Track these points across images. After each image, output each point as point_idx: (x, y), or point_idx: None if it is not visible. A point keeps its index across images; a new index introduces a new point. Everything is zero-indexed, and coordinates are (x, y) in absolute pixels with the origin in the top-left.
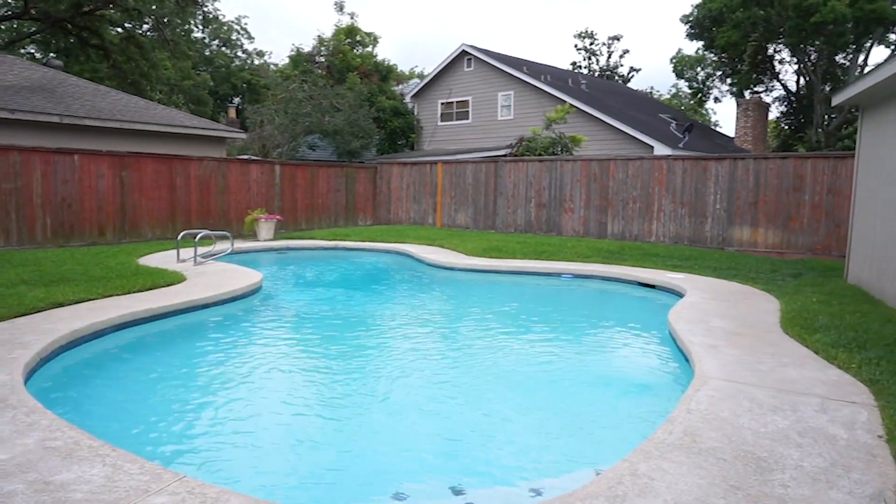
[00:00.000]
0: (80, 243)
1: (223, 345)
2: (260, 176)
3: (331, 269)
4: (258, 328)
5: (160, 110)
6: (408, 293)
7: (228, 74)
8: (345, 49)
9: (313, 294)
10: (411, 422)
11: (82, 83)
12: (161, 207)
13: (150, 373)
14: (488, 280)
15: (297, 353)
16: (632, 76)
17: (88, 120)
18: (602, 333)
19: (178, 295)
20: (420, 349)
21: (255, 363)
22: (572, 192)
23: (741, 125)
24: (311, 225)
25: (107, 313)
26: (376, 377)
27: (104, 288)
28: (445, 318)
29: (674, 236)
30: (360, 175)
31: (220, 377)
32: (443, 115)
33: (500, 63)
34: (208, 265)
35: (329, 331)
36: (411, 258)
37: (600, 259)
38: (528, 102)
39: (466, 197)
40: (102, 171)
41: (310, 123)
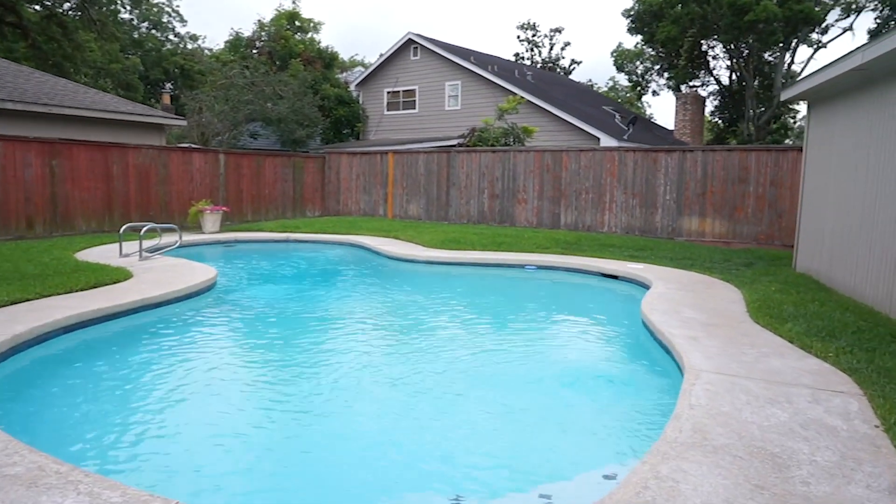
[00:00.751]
0: (4, 237)
1: (182, 347)
2: (203, 165)
3: (284, 264)
4: (215, 328)
5: (92, 94)
6: (369, 288)
7: (160, 58)
8: (287, 34)
9: (270, 290)
10: (396, 428)
11: (1, 62)
12: (97, 198)
13: (108, 380)
14: (451, 273)
15: (262, 355)
16: (573, 68)
17: (10, 103)
18: (576, 326)
19: (127, 293)
20: (394, 349)
21: (219, 366)
22: (525, 183)
23: (680, 118)
24: (257, 217)
25: (50, 314)
26: (349, 381)
27: (42, 286)
28: (413, 315)
29: (626, 227)
30: (308, 165)
31: (185, 383)
32: (389, 105)
33: (447, 52)
34: (155, 260)
35: (292, 330)
36: (368, 251)
37: (559, 250)
38: (475, 93)
39: (418, 188)
40: (30, 160)
41: (252, 111)
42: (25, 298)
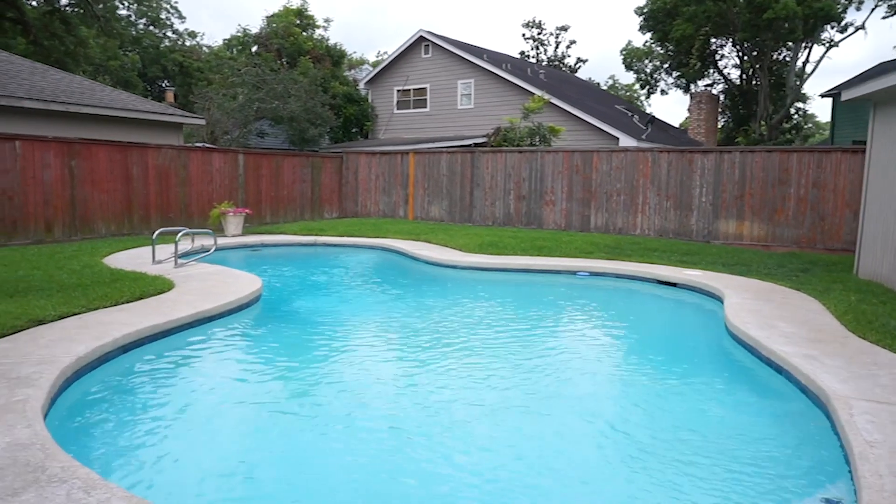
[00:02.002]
0: (23, 241)
1: (253, 365)
2: (222, 166)
3: (321, 270)
4: (278, 343)
5: (108, 92)
6: (422, 298)
7: (158, 56)
8: (296, 31)
9: (319, 300)
10: (481, 447)
11: (15, 59)
12: (116, 200)
13: (187, 408)
14: (500, 279)
15: (339, 371)
16: (579, 67)
17: (28, 101)
18: (660, 343)
19: (176, 306)
20: (483, 368)
21: (294, 383)
22: (553, 185)
23: (694, 117)
24: (276, 218)
25: (106, 332)
26: (426, 393)
27: (86, 298)
28: (484, 329)
29: (659, 229)
30: (325, 165)
31: (269, 407)
32: (399, 103)
33: (459, 50)
34: (191, 267)
35: (361, 344)
36: (405, 255)
37: (603, 255)
38: (489, 91)
39: (441, 189)
40: (49, 160)
41: (264, 109)
42: (72, 312)
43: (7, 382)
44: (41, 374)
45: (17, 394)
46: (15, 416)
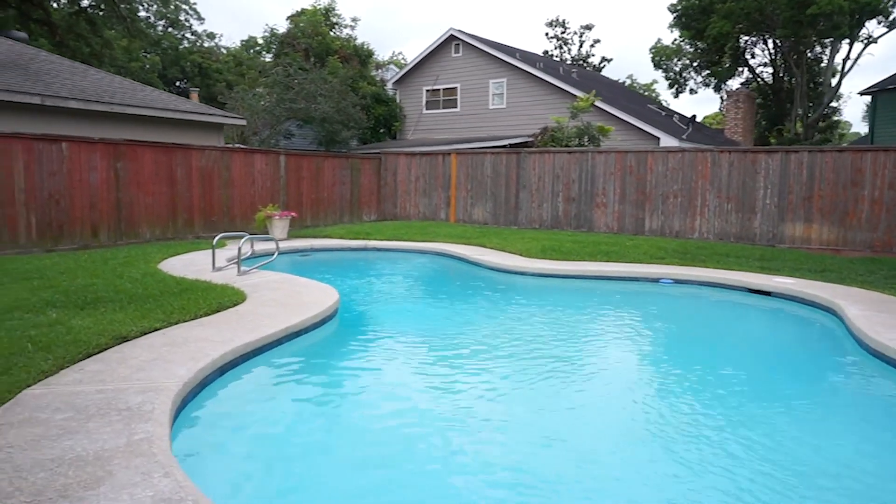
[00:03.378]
0: (70, 246)
1: (357, 382)
2: (264, 167)
3: (383, 276)
4: (374, 357)
5: (149, 92)
6: (497, 305)
7: (177, 57)
8: (323, 31)
9: (392, 310)
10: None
11: (56, 59)
12: (161, 203)
13: (312, 435)
14: (574, 287)
15: (442, 384)
16: (603, 66)
17: (73, 101)
18: (783, 362)
19: (260, 320)
20: (606, 387)
21: (409, 401)
22: (605, 186)
23: (731, 117)
24: (316, 221)
25: (201, 352)
26: (538, 410)
27: (162, 312)
28: (573, 342)
29: (719, 232)
30: (364, 167)
31: (389, 434)
32: (428, 103)
33: (491, 49)
34: (254, 275)
35: (459, 356)
36: (464, 261)
37: (676, 260)
38: (522, 91)
39: (484, 190)
40: (95, 162)
41: (295, 109)
42: (153, 327)
43: (119, 416)
44: (153, 405)
45: (136, 431)
46: (145, 461)
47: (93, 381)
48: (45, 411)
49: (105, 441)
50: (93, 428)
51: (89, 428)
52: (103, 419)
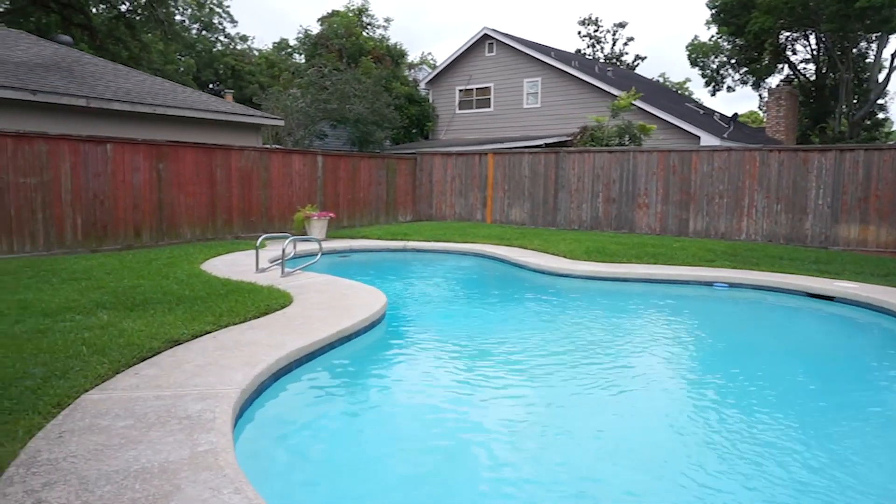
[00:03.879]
0: (114, 246)
1: (417, 388)
2: (302, 168)
3: (426, 278)
4: (427, 361)
5: (190, 93)
6: (546, 309)
7: (211, 59)
8: (357, 31)
9: (440, 313)
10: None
11: (99, 61)
12: (201, 204)
13: (379, 445)
14: (624, 291)
15: (500, 390)
16: (637, 64)
17: (117, 103)
18: (858, 372)
19: (311, 324)
20: (644, 390)
21: (466, 411)
22: (647, 186)
23: (773, 115)
24: (352, 221)
25: (255, 356)
26: (606, 417)
27: (212, 314)
28: (633, 348)
29: (768, 234)
30: (400, 167)
31: (466, 436)
32: (461, 103)
33: (526, 48)
34: (298, 276)
35: (512, 362)
36: (507, 263)
37: (728, 263)
38: (557, 90)
39: (522, 191)
40: (138, 163)
41: (330, 110)
42: (204, 330)
43: (180, 424)
44: (213, 414)
45: (199, 442)
46: (213, 475)
47: (150, 386)
48: (105, 418)
49: (169, 452)
50: (155, 437)
51: (151, 437)
52: (164, 428)
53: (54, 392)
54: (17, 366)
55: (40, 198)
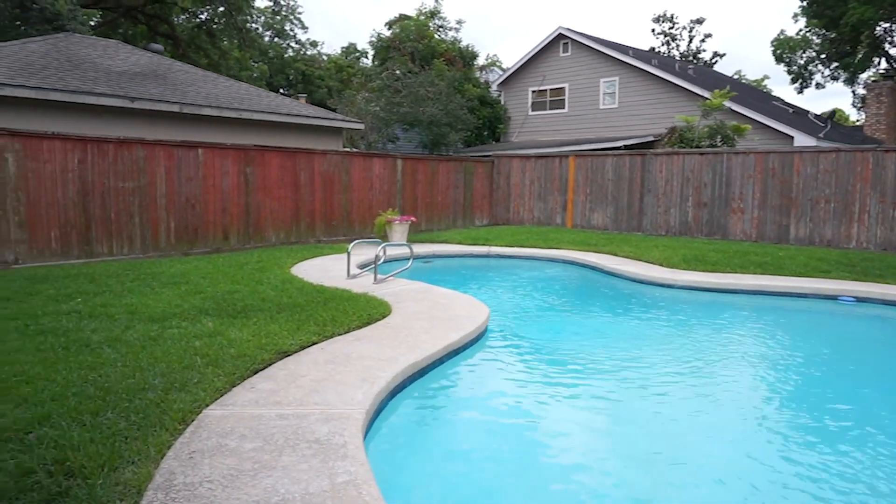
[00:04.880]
0: (204, 249)
1: (533, 407)
2: (382, 171)
3: (519, 286)
4: (537, 377)
5: (273, 98)
6: (652, 323)
7: (283, 65)
8: (429, 34)
9: (540, 324)
10: None
11: (189, 68)
12: (286, 208)
13: (508, 473)
14: (736, 303)
15: (630, 408)
16: (715, 62)
17: (207, 108)
18: None
19: (416, 335)
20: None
21: (590, 433)
22: (743, 190)
23: (872, 112)
24: (430, 226)
25: (369, 372)
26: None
27: (314, 323)
28: (765, 369)
29: (882, 242)
30: (477, 170)
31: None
32: (534, 105)
33: (603, 47)
34: (390, 284)
35: (632, 378)
36: (598, 271)
37: (846, 274)
38: (635, 89)
39: (605, 194)
40: (227, 168)
41: (404, 113)
42: (311, 341)
43: (311, 449)
44: (343, 438)
45: (336, 471)
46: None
47: (269, 402)
48: (231, 438)
49: (308, 482)
50: (288, 463)
51: (285, 463)
52: (295, 452)
53: (177, 406)
54: (136, 376)
55: (137, 202)
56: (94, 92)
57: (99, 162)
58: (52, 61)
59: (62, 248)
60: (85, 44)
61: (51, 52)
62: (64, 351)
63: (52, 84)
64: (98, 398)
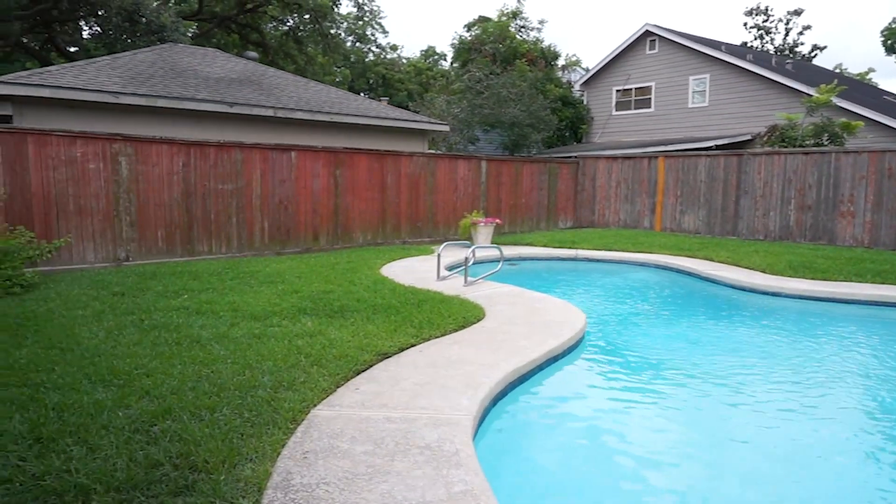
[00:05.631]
0: (295, 249)
1: (640, 420)
2: (467, 173)
3: (610, 291)
4: (642, 387)
5: (361, 101)
6: (761, 334)
7: (364, 69)
8: (511, 34)
9: (639, 332)
10: None
11: (281, 74)
12: (373, 209)
13: (621, 488)
14: (857, 315)
15: (744, 421)
16: (814, 55)
17: (299, 112)
18: None
19: (515, 340)
20: None
21: (702, 451)
22: (853, 192)
23: None
24: (513, 228)
25: (472, 377)
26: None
27: (411, 326)
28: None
29: None
30: (562, 171)
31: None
32: (618, 104)
33: (692, 43)
34: (482, 286)
35: (741, 392)
36: (695, 276)
37: None
38: (728, 87)
39: (697, 197)
40: (318, 170)
41: (486, 115)
42: (409, 343)
43: (422, 455)
44: (454, 446)
45: (451, 480)
46: None
47: (374, 405)
48: (342, 440)
49: (423, 490)
50: (402, 469)
51: (398, 469)
52: (407, 458)
53: (287, 405)
54: (246, 373)
55: (235, 203)
56: (195, 98)
57: (201, 165)
58: (158, 70)
59: (167, 247)
60: (186, 52)
61: (157, 61)
62: (177, 346)
63: (158, 91)
64: (213, 394)
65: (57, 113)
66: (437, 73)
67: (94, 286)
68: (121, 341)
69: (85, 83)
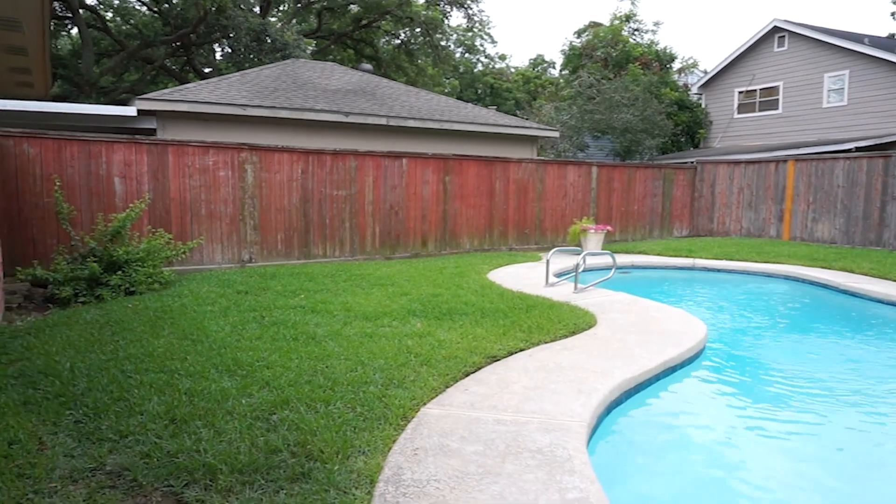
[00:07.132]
0: (404, 254)
1: (767, 440)
2: (577, 179)
3: (732, 302)
4: (770, 405)
5: (470, 109)
6: None
7: (472, 80)
8: (623, 38)
9: (772, 347)
10: None
11: (394, 84)
12: (480, 216)
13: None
14: None
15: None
16: None
17: (411, 121)
18: None
19: (630, 349)
20: None
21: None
22: None
23: None
24: (624, 235)
25: (585, 384)
26: None
27: (521, 330)
28: None
29: None
30: (677, 177)
31: None
32: (741, 107)
33: (828, 37)
34: (592, 293)
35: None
36: (831, 289)
37: None
38: (872, 83)
39: (833, 203)
40: (427, 176)
41: (596, 120)
42: (518, 347)
43: (534, 460)
44: (567, 452)
45: (565, 486)
46: None
47: (484, 406)
48: (452, 439)
49: (536, 494)
50: (513, 472)
51: (509, 471)
52: (518, 461)
53: (398, 402)
54: (358, 370)
55: (348, 208)
56: (314, 108)
57: (317, 172)
58: (281, 84)
59: (285, 250)
60: (307, 67)
61: (280, 76)
62: (294, 342)
63: (281, 103)
64: (327, 387)
65: (193, 125)
66: (546, 81)
67: (221, 284)
68: (244, 335)
69: (218, 98)
